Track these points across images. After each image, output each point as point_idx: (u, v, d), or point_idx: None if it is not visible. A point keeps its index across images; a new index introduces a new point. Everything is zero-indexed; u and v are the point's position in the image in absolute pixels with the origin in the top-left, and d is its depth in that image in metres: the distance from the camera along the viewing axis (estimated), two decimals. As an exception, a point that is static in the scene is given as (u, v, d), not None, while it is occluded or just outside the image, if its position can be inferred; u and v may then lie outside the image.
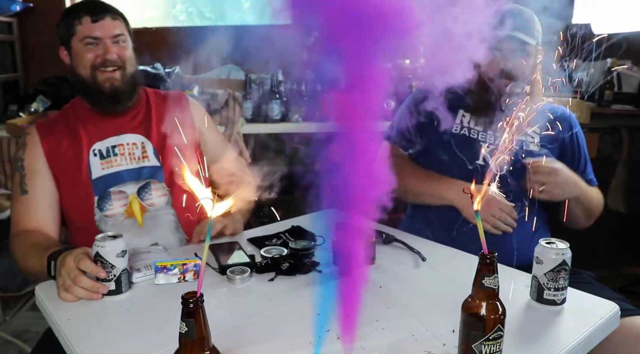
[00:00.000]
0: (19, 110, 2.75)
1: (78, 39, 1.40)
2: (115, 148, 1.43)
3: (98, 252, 1.03)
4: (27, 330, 2.38)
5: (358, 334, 0.87)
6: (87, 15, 1.40)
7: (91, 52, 1.40)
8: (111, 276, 1.04)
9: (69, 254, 1.06)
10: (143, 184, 1.43)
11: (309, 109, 1.81)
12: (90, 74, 1.40)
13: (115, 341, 0.91)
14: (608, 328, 0.97)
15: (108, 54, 1.40)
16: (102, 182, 1.41)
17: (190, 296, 0.68)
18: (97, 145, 1.43)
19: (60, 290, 1.04)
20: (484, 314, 0.76)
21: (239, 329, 0.92)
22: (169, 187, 1.45)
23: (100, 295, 1.03)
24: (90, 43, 1.40)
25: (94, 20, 1.40)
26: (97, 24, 1.40)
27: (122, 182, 1.42)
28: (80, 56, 1.41)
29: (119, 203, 1.41)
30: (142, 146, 1.46)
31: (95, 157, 1.41)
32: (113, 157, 1.43)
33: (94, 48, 1.40)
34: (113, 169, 1.42)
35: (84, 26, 1.40)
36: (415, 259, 1.23)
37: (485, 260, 0.76)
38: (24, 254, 1.25)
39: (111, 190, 1.40)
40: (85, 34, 1.39)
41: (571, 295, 1.02)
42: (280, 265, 1.15)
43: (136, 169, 1.44)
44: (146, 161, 1.45)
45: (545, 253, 0.99)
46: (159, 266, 1.11)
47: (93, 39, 1.40)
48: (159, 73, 2.84)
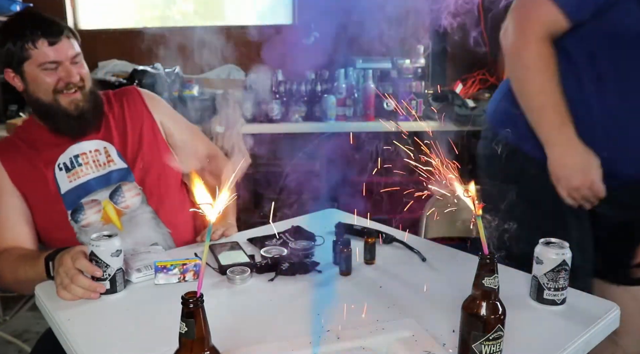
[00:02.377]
0: (19, 110, 2.75)
1: (34, 64, 1.31)
2: (78, 157, 1.40)
3: (93, 251, 1.03)
4: (27, 330, 2.38)
5: (358, 334, 0.87)
6: (42, 39, 1.30)
7: (51, 76, 1.32)
8: (106, 275, 1.04)
9: (66, 253, 1.06)
10: (114, 188, 1.40)
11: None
12: (52, 98, 1.34)
13: (115, 341, 0.91)
14: (608, 328, 0.97)
15: (71, 77, 1.33)
16: (72, 195, 1.38)
17: (190, 296, 0.68)
18: (60, 158, 1.38)
19: (58, 288, 1.03)
20: (484, 315, 0.76)
21: (239, 329, 0.92)
22: (140, 186, 1.42)
23: (98, 294, 1.03)
24: (49, 68, 1.32)
25: (51, 43, 1.31)
26: (56, 47, 1.31)
27: (92, 191, 1.39)
28: (39, 81, 1.33)
29: (93, 211, 1.38)
30: (105, 151, 1.42)
31: (62, 171, 1.38)
32: (78, 167, 1.39)
33: (53, 72, 1.32)
34: (80, 180, 1.38)
35: (41, 51, 1.30)
36: (416, 259, 1.23)
37: (485, 260, 0.76)
38: (11, 269, 1.22)
39: (83, 201, 1.37)
40: (44, 60, 1.31)
41: (571, 295, 1.02)
42: (280, 265, 1.15)
43: (104, 175, 1.41)
44: (112, 165, 1.42)
45: (545, 253, 0.99)
46: (159, 266, 1.11)
47: (52, 63, 1.31)
48: (159, 73, 2.84)
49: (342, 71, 2.71)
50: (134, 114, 1.49)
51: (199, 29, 3.18)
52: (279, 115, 2.66)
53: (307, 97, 2.73)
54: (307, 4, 3.29)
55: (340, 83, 2.68)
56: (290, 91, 2.73)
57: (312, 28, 3.11)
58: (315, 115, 2.71)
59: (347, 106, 2.68)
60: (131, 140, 1.45)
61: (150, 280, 1.12)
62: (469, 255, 1.23)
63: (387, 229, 1.38)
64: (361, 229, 1.34)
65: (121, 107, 1.49)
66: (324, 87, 2.74)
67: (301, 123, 2.68)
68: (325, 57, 3.19)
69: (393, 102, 2.73)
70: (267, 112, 2.67)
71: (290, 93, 2.73)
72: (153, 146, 1.48)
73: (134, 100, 1.52)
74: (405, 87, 2.69)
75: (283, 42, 3.29)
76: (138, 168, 1.43)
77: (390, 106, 2.75)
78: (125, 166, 1.43)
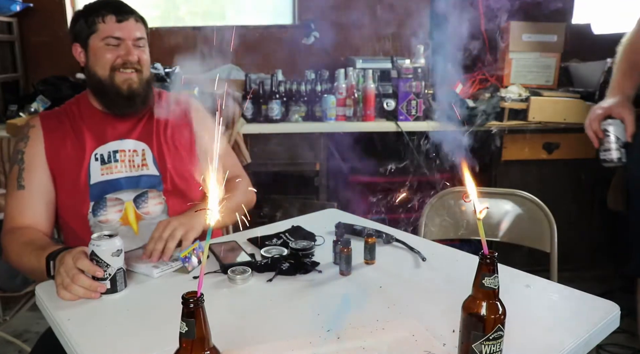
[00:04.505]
0: (19, 110, 2.75)
1: (99, 38, 1.37)
2: (116, 154, 1.42)
3: (94, 251, 1.04)
4: (27, 330, 2.38)
5: (358, 334, 0.87)
6: (111, 14, 1.36)
7: (112, 53, 1.37)
8: (106, 275, 1.04)
9: (68, 253, 1.06)
10: (140, 193, 1.41)
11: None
12: (108, 75, 1.38)
13: (116, 341, 0.91)
14: (608, 328, 0.97)
15: (130, 56, 1.37)
16: (99, 188, 1.39)
17: (190, 296, 0.68)
18: (99, 149, 1.41)
19: (59, 288, 1.04)
20: (484, 315, 0.76)
21: (239, 329, 0.92)
22: (165, 197, 1.43)
23: (99, 294, 1.03)
24: (112, 43, 1.37)
25: (118, 20, 1.37)
26: (122, 24, 1.37)
27: (119, 189, 1.40)
28: (100, 55, 1.37)
29: (114, 209, 1.39)
30: (142, 153, 1.44)
31: (96, 162, 1.40)
32: (114, 162, 1.41)
33: (115, 48, 1.37)
34: (112, 176, 1.40)
35: (108, 25, 1.36)
36: (416, 259, 1.23)
37: (485, 259, 0.76)
38: (18, 252, 1.23)
39: (107, 197, 1.39)
40: (108, 34, 1.36)
41: (571, 295, 1.02)
42: (280, 265, 1.15)
43: (134, 177, 1.42)
44: (145, 169, 1.43)
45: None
46: (183, 257, 1.16)
47: (115, 39, 1.37)
48: (159, 73, 2.83)
49: (342, 71, 2.71)
50: (179, 127, 1.49)
51: (199, 29, 3.19)
52: (279, 115, 2.65)
53: (307, 97, 2.73)
54: (307, 3, 3.29)
55: (340, 83, 2.68)
56: (290, 91, 2.73)
57: (312, 28, 3.11)
58: (315, 115, 2.71)
59: (347, 106, 2.68)
60: (168, 150, 1.46)
61: (169, 272, 1.17)
62: (469, 254, 1.23)
63: (387, 229, 1.38)
64: (361, 229, 1.34)
65: (169, 113, 1.49)
66: (324, 87, 2.74)
67: (301, 123, 2.68)
68: (325, 57, 3.19)
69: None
70: (267, 112, 2.66)
71: (290, 93, 2.72)
72: (187, 161, 1.48)
73: (183, 111, 1.51)
74: (405, 87, 2.68)
75: (283, 42, 3.30)
76: (169, 180, 1.44)
77: (390, 106, 2.75)
78: (157, 174, 1.43)
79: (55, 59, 3.06)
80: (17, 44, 3.12)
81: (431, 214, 1.72)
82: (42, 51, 3.14)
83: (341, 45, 3.33)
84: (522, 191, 1.68)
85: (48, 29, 3.11)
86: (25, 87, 3.17)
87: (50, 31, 3.11)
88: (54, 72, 2.96)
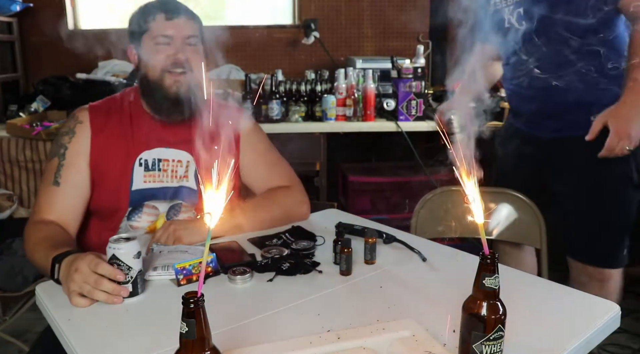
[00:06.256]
0: (19, 110, 2.75)
1: (150, 37, 1.33)
2: (160, 162, 1.38)
3: (114, 254, 1.01)
4: (27, 330, 2.38)
5: (358, 334, 0.87)
6: (161, 13, 1.33)
7: (162, 53, 1.32)
8: (128, 278, 1.02)
9: (80, 260, 1.02)
10: (175, 203, 1.40)
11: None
12: (158, 77, 1.33)
13: (116, 341, 0.90)
14: (608, 328, 0.97)
15: (178, 54, 1.32)
16: (139, 195, 1.37)
17: (190, 296, 0.68)
18: (144, 154, 1.37)
19: (73, 295, 1.00)
20: (484, 315, 0.76)
21: (239, 329, 0.92)
22: (195, 211, 1.42)
23: (122, 298, 1.01)
24: (161, 42, 1.32)
25: (168, 18, 1.32)
26: (171, 22, 1.32)
27: (157, 198, 1.39)
28: (150, 55, 1.33)
29: (149, 217, 1.38)
30: (186, 165, 1.41)
31: (140, 167, 1.37)
32: (157, 171, 1.38)
33: (165, 48, 1.32)
34: (154, 184, 1.38)
35: (157, 23, 1.32)
36: (416, 259, 1.23)
37: (485, 260, 0.76)
38: (33, 245, 1.21)
39: (145, 203, 1.38)
40: (158, 32, 1.32)
41: (571, 295, 1.02)
42: (280, 265, 1.15)
43: (175, 188, 1.40)
44: (185, 181, 1.41)
45: None
46: (179, 268, 1.10)
47: (165, 38, 1.32)
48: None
49: (342, 71, 2.71)
50: (227, 144, 1.43)
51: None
52: (279, 115, 2.65)
53: (307, 97, 2.73)
54: (307, 3, 3.29)
55: (340, 83, 2.67)
56: (290, 91, 2.73)
57: (312, 28, 3.11)
58: (315, 115, 2.71)
59: (347, 106, 2.68)
60: (211, 163, 1.42)
61: (166, 280, 1.11)
62: (469, 254, 1.23)
63: (387, 229, 1.38)
64: (361, 229, 1.34)
65: (219, 124, 1.46)
66: (324, 87, 2.74)
67: (301, 123, 2.68)
68: (325, 57, 3.20)
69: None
70: (267, 112, 2.66)
71: (290, 93, 2.72)
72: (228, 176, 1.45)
73: (236, 120, 1.45)
74: (405, 87, 2.68)
75: (283, 42, 3.30)
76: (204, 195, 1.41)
77: (390, 106, 2.75)
78: (196, 188, 1.40)
79: (55, 59, 3.06)
80: (17, 44, 3.12)
81: (423, 212, 1.72)
82: (42, 51, 3.14)
83: (341, 45, 3.33)
84: (512, 190, 1.68)
85: (48, 29, 3.10)
86: (25, 87, 3.17)
87: (50, 31, 3.11)
88: (54, 72, 2.96)
